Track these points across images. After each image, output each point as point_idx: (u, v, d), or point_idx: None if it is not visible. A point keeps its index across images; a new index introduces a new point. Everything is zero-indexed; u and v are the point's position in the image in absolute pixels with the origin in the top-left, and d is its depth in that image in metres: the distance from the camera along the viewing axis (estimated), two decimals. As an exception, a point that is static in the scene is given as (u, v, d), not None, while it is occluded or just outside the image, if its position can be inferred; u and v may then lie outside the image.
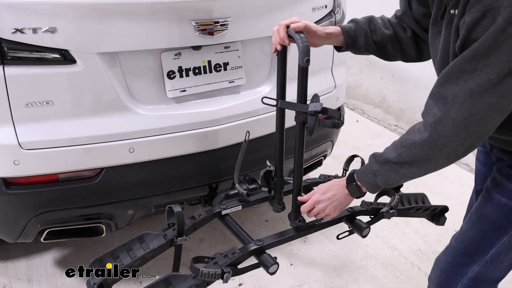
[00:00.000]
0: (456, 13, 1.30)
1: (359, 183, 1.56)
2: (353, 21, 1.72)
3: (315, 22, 2.29)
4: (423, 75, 4.23)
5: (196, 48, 2.04)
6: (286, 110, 1.76)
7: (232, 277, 1.65)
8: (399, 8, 1.70)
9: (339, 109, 2.64)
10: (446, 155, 1.33)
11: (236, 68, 2.17)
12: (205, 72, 2.09)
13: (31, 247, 2.54)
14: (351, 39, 1.69)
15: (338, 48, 1.74)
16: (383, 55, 1.74)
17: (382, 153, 1.47)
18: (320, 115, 1.62)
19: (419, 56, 1.71)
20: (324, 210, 1.64)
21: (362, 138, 4.11)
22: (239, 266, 1.68)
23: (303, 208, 1.71)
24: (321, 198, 1.65)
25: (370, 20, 1.70)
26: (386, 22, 1.70)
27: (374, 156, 1.50)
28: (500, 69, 1.18)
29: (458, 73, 1.24)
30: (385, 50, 1.72)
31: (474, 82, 1.21)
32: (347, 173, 2.09)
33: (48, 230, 2.02)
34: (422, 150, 1.34)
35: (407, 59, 1.73)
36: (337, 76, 2.56)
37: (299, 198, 1.76)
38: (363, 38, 1.68)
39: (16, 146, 1.80)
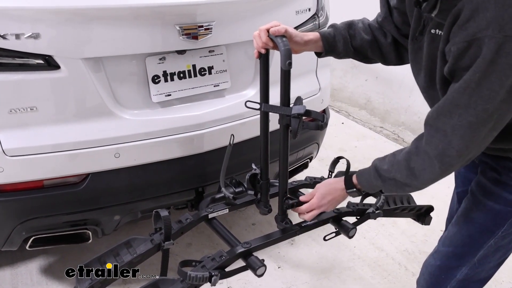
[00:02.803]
0: (440, 35, 1.31)
1: (358, 186, 1.61)
2: (332, 26, 1.70)
3: (298, 25, 2.32)
4: (407, 76, 4.20)
5: (181, 52, 2.04)
6: (270, 113, 1.76)
7: (220, 281, 1.65)
8: (380, 12, 1.69)
9: (324, 111, 2.65)
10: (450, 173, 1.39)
11: (220, 72, 2.17)
12: (189, 76, 2.09)
13: (16, 255, 2.51)
14: (329, 45, 1.67)
15: (318, 54, 1.72)
16: (363, 59, 1.74)
17: (387, 168, 1.48)
18: (303, 117, 1.63)
19: (399, 61, 1.71)
20: (321, 209, 1.72)
21: (347, 140, 4.14)
22: (227, 269, 1.68)
23: (301, 210, 1.76)
24: (321, 203, 1.70)
25: (350, 25, 1.69)
26: (367, 27, 1.69)
27: (377, 170, 1.52)
28: (494, 98, 1.19)
29: (451, 106, 1.26)
30: (365, 55, 1.71)
31: (471, 114, 1.23)
32: (333, 174, 2.11)
33: (33, 238, 2.00)
34: (430, 177, 1.39)
35: (387, 63, 1.73)
36: (322, 78, 2.57)
37: (301, 198, 1.79)
38: (342, 44, 1.67)
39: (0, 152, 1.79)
